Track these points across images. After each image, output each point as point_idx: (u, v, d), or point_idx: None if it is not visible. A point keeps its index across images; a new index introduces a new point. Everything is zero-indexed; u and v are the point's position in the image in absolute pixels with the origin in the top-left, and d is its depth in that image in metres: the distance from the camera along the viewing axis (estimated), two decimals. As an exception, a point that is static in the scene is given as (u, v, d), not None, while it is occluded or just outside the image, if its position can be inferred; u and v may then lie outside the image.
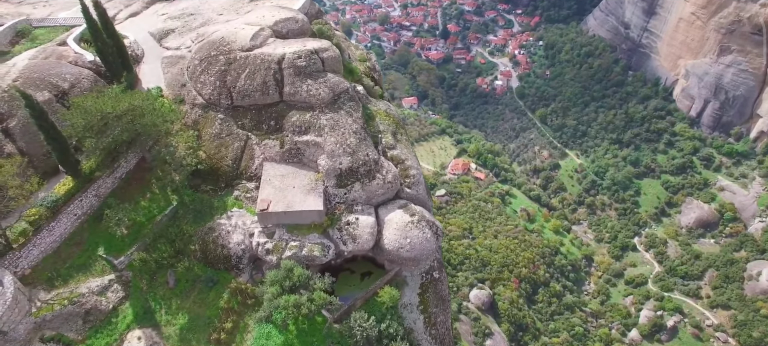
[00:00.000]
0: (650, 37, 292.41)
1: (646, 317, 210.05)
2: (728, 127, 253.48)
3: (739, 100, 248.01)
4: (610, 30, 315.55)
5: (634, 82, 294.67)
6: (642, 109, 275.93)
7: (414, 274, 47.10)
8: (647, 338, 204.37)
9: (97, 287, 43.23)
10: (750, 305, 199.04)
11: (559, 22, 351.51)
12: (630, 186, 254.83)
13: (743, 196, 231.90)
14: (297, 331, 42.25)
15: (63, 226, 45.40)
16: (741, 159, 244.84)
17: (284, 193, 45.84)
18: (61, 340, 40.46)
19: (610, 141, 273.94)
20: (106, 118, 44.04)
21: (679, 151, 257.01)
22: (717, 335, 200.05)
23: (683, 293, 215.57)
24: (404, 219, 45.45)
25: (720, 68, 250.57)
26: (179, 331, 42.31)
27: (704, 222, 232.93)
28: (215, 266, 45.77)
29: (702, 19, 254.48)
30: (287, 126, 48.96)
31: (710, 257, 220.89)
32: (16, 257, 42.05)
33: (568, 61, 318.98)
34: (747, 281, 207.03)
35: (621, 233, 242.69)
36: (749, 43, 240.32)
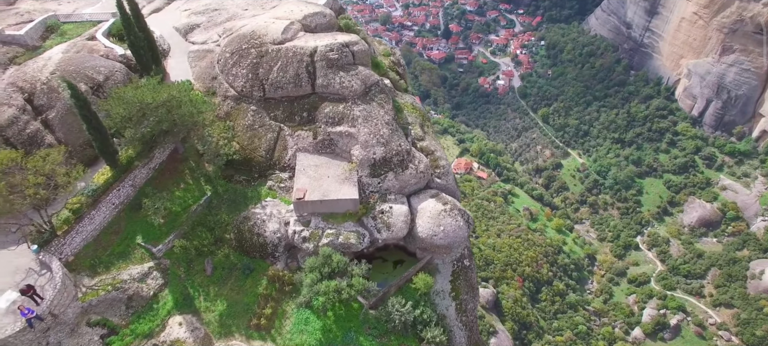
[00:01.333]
0: (652, 36, 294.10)
1: (649, 315, 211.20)
2: (730, 127, 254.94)
3: (742, 99, 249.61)
4: (612, 30, 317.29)
5: (636, 81, 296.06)
6: (644, 109, 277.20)
7: (445, 262, 48.36)
8: (650, 337, 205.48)
9: (138, 274, 44.30)
10: (753, 303, 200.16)
11: (561, 21, 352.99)
12: (632, 185, 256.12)
13: (746, 195, 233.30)
14: (334, 316, 43.44)
15: (102, 215, 46.52)
16: (743, 158, 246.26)
17: (319, 182, 47.04)
18: (107, 324, 41.52)
19: (612, 140, 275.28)
20: (145, 109, 45.12)
21: (681, 150, 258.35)
22: (720, 333, 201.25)
23: (686, 292, 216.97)
24: (437, 207, 46.71)
25: (722, 68, 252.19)
26: (219, 317, 43.40)
27: (707, 221, 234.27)
28: (250, 255, 46.92)
29: (704, 18, 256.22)
30: (320, 117, 50.14)
31: (713, 256, 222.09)
32: (61, 244, 43.15)
33: (570, 61, 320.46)
34: (750, 279, 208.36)
35: (623, 232, 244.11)
36: (752, 43, 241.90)
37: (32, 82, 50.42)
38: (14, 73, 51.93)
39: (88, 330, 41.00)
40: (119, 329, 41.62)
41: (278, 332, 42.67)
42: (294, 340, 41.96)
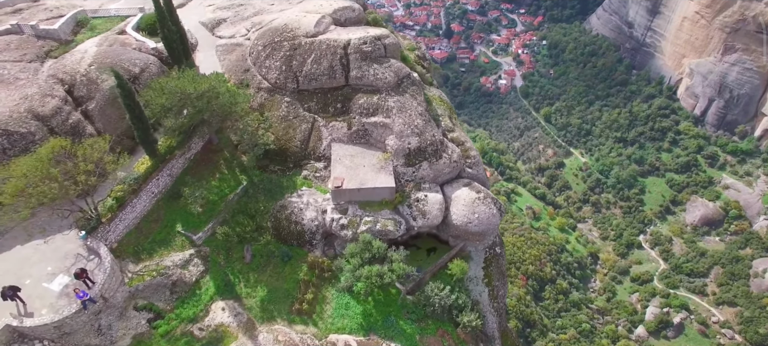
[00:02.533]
0: (654, 36, 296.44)
1: (652, 313, 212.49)
2: (733, 126, 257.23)
3: (744, 98, 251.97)
4: (614, 29, 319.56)
5: (638, 80, 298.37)
6: (646, 108, 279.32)
7: (478, 249, 49.80)
8: (654, 335, 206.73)
9: (180, 261, 45.54)
10: (756, 301, 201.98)
11: (562, 21, 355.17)
12: (635, 184, 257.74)
13: (748, 194, 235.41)
14: (374, 302, 44.79)
15: (143, 203, 47.80)
16: (745, 157, 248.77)
17: (355, 171, 48.42)
18: (152, 309, 42.73)
19: (614, 139, 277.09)
20: (186, 98, 46.38)
21: (683, 149, 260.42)
22: (723, 331, 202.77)
23: (689, 290, 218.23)
24: (471, 196, 48.17)
25: (724, 67, 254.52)
26: (260, 302, 44.65)
27: (709, 220, 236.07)
28: (288, 242, 48.22)
29: (706, 18, 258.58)
30: (354, 108, 51.55)
31: (715, 255, 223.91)
32: (106, 231, 44.39)
33: (572, 60, 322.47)
34: (752, 278, 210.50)
35: (626, 230, 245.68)
36: (754, 42, 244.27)
37: (72, 74, 51.71)
38: (54, 65, 53.18)
39: (135, 314, 42.22)
40: (165, 314, 42.81)
41: (320, 316, 43.97)
42: (336, 324, 43.25)
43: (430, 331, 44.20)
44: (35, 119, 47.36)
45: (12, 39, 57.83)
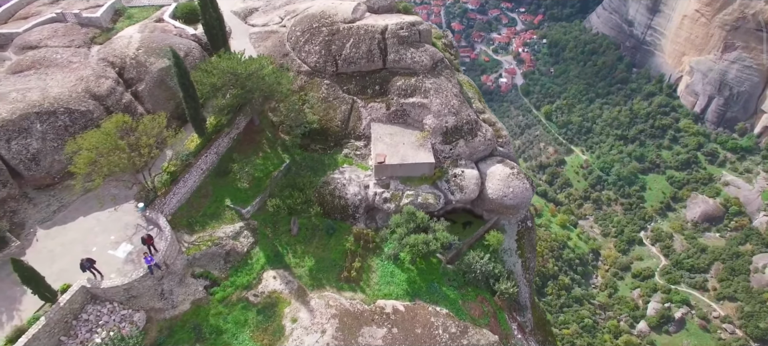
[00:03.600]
0: (654, 34, 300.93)
1: (653, 309, 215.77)
2: (732, 123, 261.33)
3: (744, 96, 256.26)
4: (614, 28, 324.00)
5: (638, 78, 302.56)
6: (646, 106, 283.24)
7: (511, 222, 53.00)
8: (655, 330, 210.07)
9: (231, 233, 48.43)
10: (756, 296, 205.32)
11: (562, 20, 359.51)
12: (635, 181, 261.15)
13: (748, 190, 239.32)
14: (417, 270, 47.79)
15: (193, 178, 50.67)
16: (745, 154, 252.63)
17: (396, 148, 51.50)
18: (208, 276, 45.58)
19: (615, 137, 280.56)
20: (237, 77, 49.30)
21: (683, 146, 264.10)
22: (724, 326, 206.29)
23: (690, 286, 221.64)
24: (505, 171, 51.38)
25: (724, 65, 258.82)
26: (309, 271, 47.56)
27: (709, 216, 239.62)
28: (331, 216, 51.19)
29: (706, 16, 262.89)
30: (392, 90, 54.64)
31: (716, 251, 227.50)
32: (162, 203, 47.24)
33: (573, 59, 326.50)
34: (753, 273, 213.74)
35: (627, 227, 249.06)
36: (754, 40, 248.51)
37: (122, 58, 54.58)
38: (103, 50, 56.07)
39: (193, 281, 45.04)
40: (220, 281, 45.62)
41: (367, 283, 46.95)
42: (382, 291, 46.24)
43: (470, 297, 47.27)
44: (92, 99, 50.23)
45: (58, 27, 60.71)
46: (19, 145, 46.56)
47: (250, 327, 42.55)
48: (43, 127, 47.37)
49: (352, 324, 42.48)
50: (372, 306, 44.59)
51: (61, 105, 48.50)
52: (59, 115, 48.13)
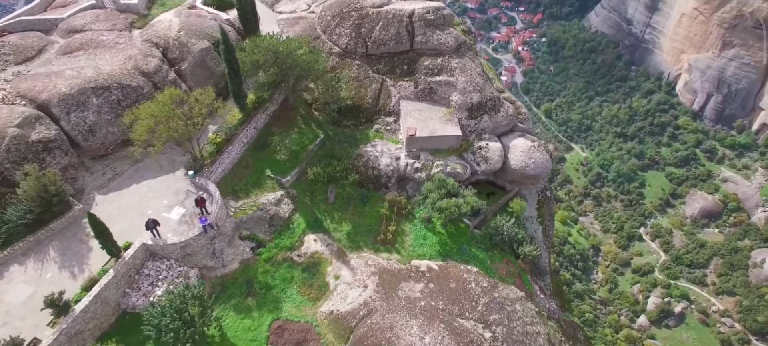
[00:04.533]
0: (653, 32, 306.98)
1: (653, 303, 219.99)
2: (731, 120, 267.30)
3: (742, 93, 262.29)
4: (613, 26, 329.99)
5: (637, 76, 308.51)
6: (646, 103, 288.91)
7: (532, 192, 57.43)
8: (655, 324, 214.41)
9: (273, 200, 52.57)
10: (755, 291, 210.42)
11: (562, 19, 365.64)
12: (635, 178, 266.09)
13: (746, 186, 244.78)
14: (447, 234, 52.06)
15: (236, 150, 54.80)
16: (743, 151, 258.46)
17: (425, 123, 55.86)
18: (255, 239, 49.66)
19: (614, 134, 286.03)
20: (278, 55, 53.54)
21: (682, 143, 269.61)
22: (723, 320, 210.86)
23: (689, 281, 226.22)
24: (526, 144, 55.86)
25: (722, 62, 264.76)
26: (346, 235, 51.76)
27: (708, 212, 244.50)
28: (365, 186, 55.42)
29: (704, 14, 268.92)
30: (420, 69, 59.03)
31: (715, 246, 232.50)
32: (209, 172, 51.36)
33: (572, 57, 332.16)
34: (751, 268, 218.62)
35: (627, 223, 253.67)
36: (751, 38, 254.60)
37: (165, 39, 58.72)
38: (146, 32, 60.25)
39: (241, 243, 49.13)
40: (265, 243, 49.71)
41: (401, 246, 51.19)
42: (416, 252, 50.49)
43: (497, 259, 51.58)
44: (141, 75, 54.36)
45: (98, 12, 64.84)
46: (77, 118, 50.57)
47: (297, 283, 46.64)
48: (99, 101, 51.39)
49: (391, 280, 46.66)
50: (408, 265, 48.78)
51: (114, 81, 52.55)
52: (113, 90, 52.17)
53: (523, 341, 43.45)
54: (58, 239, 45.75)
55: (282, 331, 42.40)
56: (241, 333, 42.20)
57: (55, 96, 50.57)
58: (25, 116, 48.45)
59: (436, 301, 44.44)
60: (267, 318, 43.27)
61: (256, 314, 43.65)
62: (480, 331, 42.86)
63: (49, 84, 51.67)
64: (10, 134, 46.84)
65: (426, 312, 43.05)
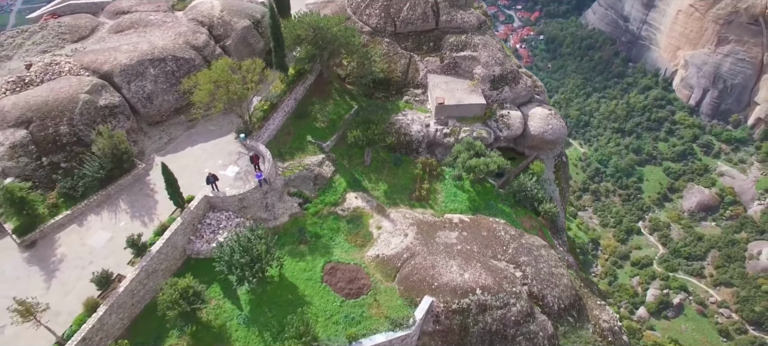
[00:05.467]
0: (650, 29, 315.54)
1: (652, 295, 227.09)
2: (727, 115, 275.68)
3: (737, 88, 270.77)
4: (610, 23, 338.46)
5: (634, 73, 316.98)
6: (643, 99, 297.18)
7: (549, 157, 63.70)
8: (655, 315, 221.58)
9: (316, 162, 58.48)
10: (751, 282, 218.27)
11: (559, 16, 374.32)
12: (633, 173, 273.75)
13: (742, 180, 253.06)
14: (475, 192, 58.23)
15: (279, 118, 60.69)
16: (739, 145, 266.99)
17: (452, 93, 62.08)
18: (302, 195, 55.53)
19: (612, 130, 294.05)
20: (318, 30, 59.60)
21: (679, 138, 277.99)
22: (721, 311, 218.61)
23: (687, 273, 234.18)
24: (544, 112, 62.23)
25: (718, 58, 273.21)
26: (383, 193, 57.80)
27: (705, 206, 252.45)
28: (397, 151, 61.46)
29: (700, 10, 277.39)
30: (445, 46, 65.34)
31: (712, 239, 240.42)
32: (257, 136, 57.24)
33: (570, 54, 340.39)
34: (748, 260, 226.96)
35: (625, 217, 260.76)
36: (746, 33, 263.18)
37: (209, 18, 64.67)
38: (190, 12, 66.21)
39: (289, 198, 55.00)
40: (311, 199, 55.63)
41: (434, 202, 57.31)
42: (448, 207, 56.60)
43: (520, 214, 57.83)
44: (192, 49, 60.30)
45: (140, -5, 70.67)
46: (136, 87, 56.40)
47: (343, 232, 52.57)
48: (155, 72, 57.26)
49: (428, 229, 52.72)
50: (442, 218, 54.87)
51: (168, 53, 58.46)
52: (168, 62, 58.06)
53: (550, 279, 49.67)
54: (127, 193, 51.49)
55: (334, 271, 48.22)
56: (297, 274, 47.96)
57: (116, 67, 56.36)
58: (93, 84, 54.24)
59: (470, 246, 50.53)
60: (319, 261, 49.04)
61: (310, 258, 49.38)
62: (511, 270, 49.02)
63: (110, 57, 57.45)
64: (82, 100, 52.55)
65: (463, 254, 49.12)
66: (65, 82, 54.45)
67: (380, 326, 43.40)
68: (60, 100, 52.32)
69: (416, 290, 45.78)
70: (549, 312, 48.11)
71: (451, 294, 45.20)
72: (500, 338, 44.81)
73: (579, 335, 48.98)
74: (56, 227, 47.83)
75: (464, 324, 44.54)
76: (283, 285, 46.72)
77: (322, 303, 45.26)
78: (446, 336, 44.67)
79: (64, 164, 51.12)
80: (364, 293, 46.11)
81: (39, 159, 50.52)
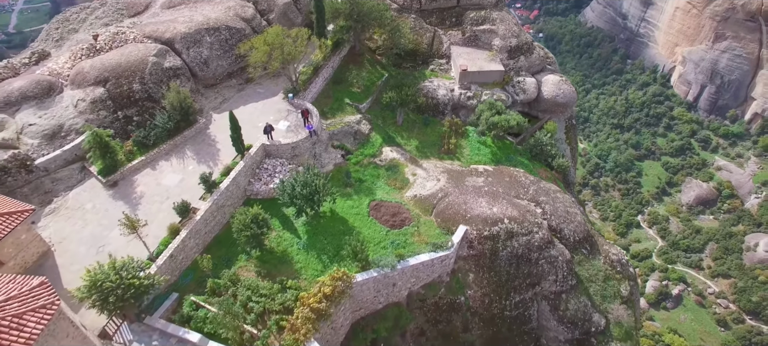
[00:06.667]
0: (648, 26, 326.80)
1: (652, 287, 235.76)
2: (724, 110, 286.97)
3: (734, 84, 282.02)
4: (609, 21, 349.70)
5: (633, 69, 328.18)
6: (641, 95, 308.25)
7: (560, 120, 72.63)
8: (654, 306, 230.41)
9: (354, 120, 67.13)
10: (749, 273, 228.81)
11: (558, 15, 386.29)
12: (632, 168, 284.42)
13: (740, 174, 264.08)
14: (496, 147, 67.05)
15: (319, 83, 69.35)
16: (736, 140, 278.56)
17: (473, 62, 71.03)
18: (344, 148, 64.10)
19: (611, 126, 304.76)
20: (353, 6, 68.40)
21: (677, 134, 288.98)
22: (719, 301, 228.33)
23: (686, 265, 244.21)
24: (556, 78, 71.25)
25: (715, 54, 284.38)
26: (415, 148, 66.52)
27: (703, 199, 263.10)
28: (425, 113, 70.25)
29: (697, 7, 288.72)
30: (466, 21, 74.34)
31: (710, 232, 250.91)
32: (303, 96, 65.89)
33: (569, 52, 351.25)
34: (745, 251, 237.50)
35: (625, 211, 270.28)
36: (743, 30, 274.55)
37: (254, -6, 73.41)
38: (235, -11, 74.68)
39: (333, 150, 63.55)
40: (352, 151, 64.22)
41: (461, 155, 66.08)
42: (473, 159, 65.39)
43: (537, 166, 66.71)
44: (242, 20, 68.92)
45: (186, -24, 78.99)
46: (194, 53, 64.94)
47: (383, 178, 61.13)
48: (211, 40, 65.84)
49: (457, 176, 61.47)
50: (468, 168, 63.64)
51: (221, 23, 67.09)
52: (221, 31, 66.67)
53: (566, 216, 58.53)
54: (191, 143, 59.93)
55: (379, 207, 56.72)
56: (346, 210, 56.36)
57: (177, 35, 64.93)
58: (159, 48, 62.83)
59: (496, 187, 59.35)
60: (365, 200, 57.51)
61: (356, 197, 57.80)
62: (532, 207, 57.81)
63: (170, 27, 66.06)
64: (151, 62, 61.10)
65: (490, 194, 57.86)
66: (134, 48, 63.01)
67: (423, 249, 51.91)
68: (131, 62, 60.80)
69: (452, 221, 54.33)
70: (566, 243, 56.88)
71: (482, 223, 53.77)
72: (525, 261, 53.44)
73: (592, 263, 57.87)
74: (133, 170, 56.05)
75: (494, 249, 53.08)
76: (334, 219, 55.02)
77: (371, 232, 53.58)
78: (479, 260, 53.22)
79: (136, 117, 59.47)
80: (406, 225, 54.51)
81: (115, 113, 58.95)
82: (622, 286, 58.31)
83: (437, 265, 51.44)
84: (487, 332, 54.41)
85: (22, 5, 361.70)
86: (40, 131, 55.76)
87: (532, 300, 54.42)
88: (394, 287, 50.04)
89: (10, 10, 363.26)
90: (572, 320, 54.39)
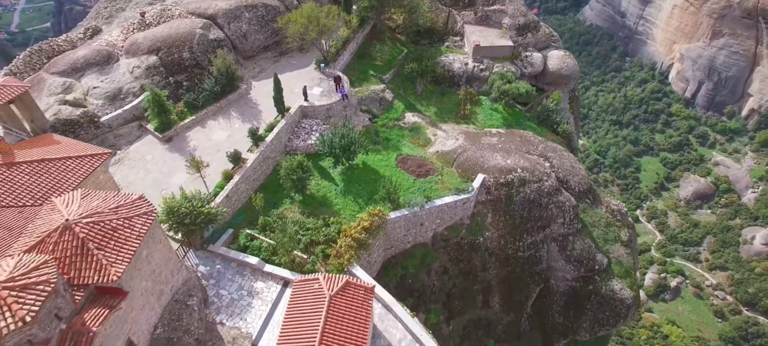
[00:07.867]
0: (646, 24, 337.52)
1: (651, 279, 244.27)
2: (721, 107, 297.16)
3: (731, 80, 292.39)
4: (607, 19, 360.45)
5: (631, 67, 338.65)
6: (640, 92, 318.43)
7: (564, 92, 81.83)
8: (653, 298, 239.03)
9: (379, 89, 76.02)
10: (745, 265, 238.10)
11: (557, 13, 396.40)
12: (631, 164, 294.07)
13: (737, 169, 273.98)
14: (507, 113, 76.12)
15: (346, 57, 78.21)
16: (734, 136, 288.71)
17: (485, 38, 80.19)
18: (370, 112, 72.88)
19: (610, 122, 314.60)
20: (377, -14, 77.71)
21: (675, 130, 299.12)
22: (716, 293, 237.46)
23: (684, 258, 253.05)
24: (560, 53, 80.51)
25: (713, 51, 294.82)
26: (434, 114, 75.47)
27: (701, 194, 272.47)
28: (442, 84, 79.29)
29: (695, 5, 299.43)
30: (478, 1, 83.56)
31: (708, 225, 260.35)
32: (334, 65, 74.78)
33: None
34: (742, 245, 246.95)
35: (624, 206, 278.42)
36: (740, 27, 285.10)
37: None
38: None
39: (361, 114, 72.34)
40: (378, 116, 73.06)
41: (475, 120, 75.08)
42: (487, 123, 74.37)
43: (544, 131, 75.82)
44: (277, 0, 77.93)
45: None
46: (235, 27, 73.77)
47: (407, 137, 69.95)
48: (250, 15, 74.73)
49: (473, 136, 70.47)
50: (483, 130, 72.65)
51: (259, 1, 76.01)
52: (259, 8, 75.60)
53: (571, 170, 67.61)
54: (235, 106, 68.59)
55: (405, 160, 65.48)
56: (376, 162, 64.99)
57: (219, 11, 73.81)
58: (204, 22, 71.67)
59: (508, 145, 68.40)
60: (393, 154, 66.22)
61: (384, 153, 66.46)
62: (542, 161, 66.85)
63: (212, 4, 74.98)
64: (198, 33, 69.91)
65: (504, 149, 66.85)
66: (181, 22, 71.88)
67: (447, 193, 60.68)
68: (181, 33, 69.59)
69: (471, 171, 63.19)
70: (572, 193, 65.89)
71: (498, 172, 62.64)
72: (536, 206, 62.34)
73: (595, 212, 66.96)
74: (185, 127, 64.50)
75: (509, 194, 61.95)
76: (366, 169, 63.63)
77: (400, 180, 62.21)
78: (495, 204, 62.07)
79: (186, 82, 68.10)
80: (431, 174, 63.26)
81: (167, 78, 67.60)
82: (622, 232, 67.36)
83: (459, 207, 60.02)
84: (503, 272, 63.18)
85: (24, 4, 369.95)
86: (102, 93, 64.25)
87: (542, 242, 63.19)
88: (422, 227, 58.37)
89: (12, 9, 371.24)
90: (578, 258, 63.27)
